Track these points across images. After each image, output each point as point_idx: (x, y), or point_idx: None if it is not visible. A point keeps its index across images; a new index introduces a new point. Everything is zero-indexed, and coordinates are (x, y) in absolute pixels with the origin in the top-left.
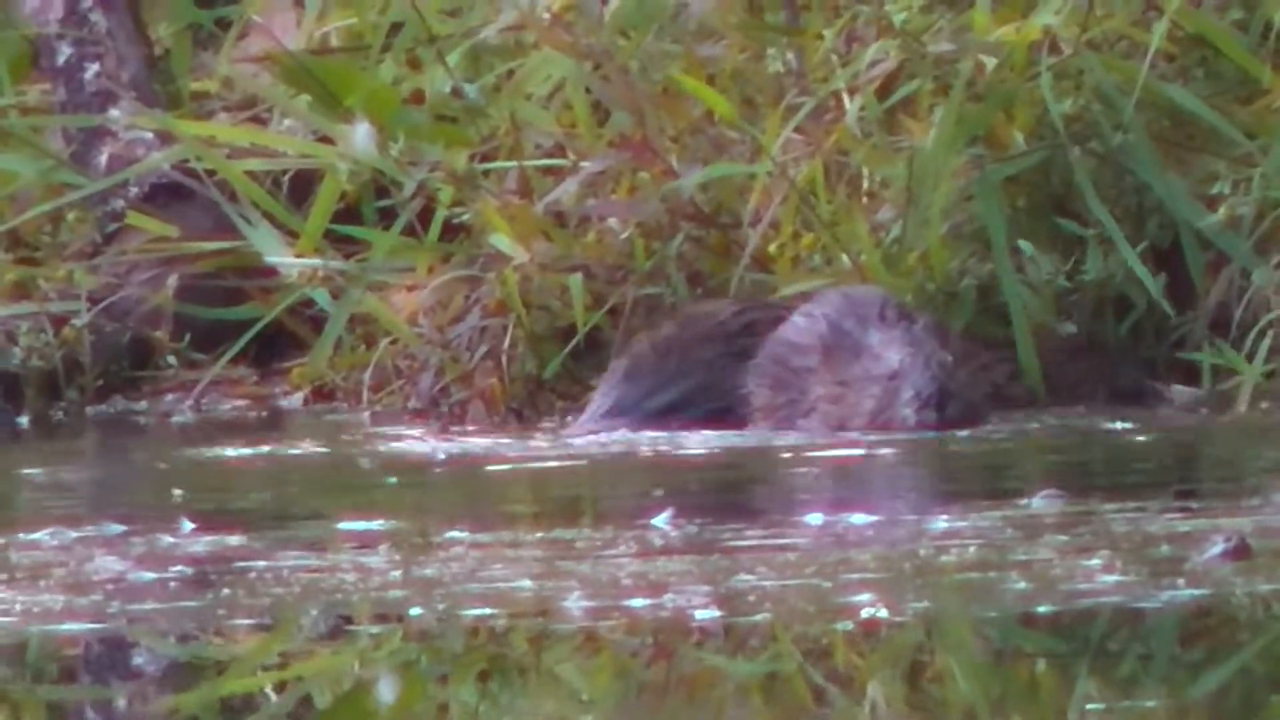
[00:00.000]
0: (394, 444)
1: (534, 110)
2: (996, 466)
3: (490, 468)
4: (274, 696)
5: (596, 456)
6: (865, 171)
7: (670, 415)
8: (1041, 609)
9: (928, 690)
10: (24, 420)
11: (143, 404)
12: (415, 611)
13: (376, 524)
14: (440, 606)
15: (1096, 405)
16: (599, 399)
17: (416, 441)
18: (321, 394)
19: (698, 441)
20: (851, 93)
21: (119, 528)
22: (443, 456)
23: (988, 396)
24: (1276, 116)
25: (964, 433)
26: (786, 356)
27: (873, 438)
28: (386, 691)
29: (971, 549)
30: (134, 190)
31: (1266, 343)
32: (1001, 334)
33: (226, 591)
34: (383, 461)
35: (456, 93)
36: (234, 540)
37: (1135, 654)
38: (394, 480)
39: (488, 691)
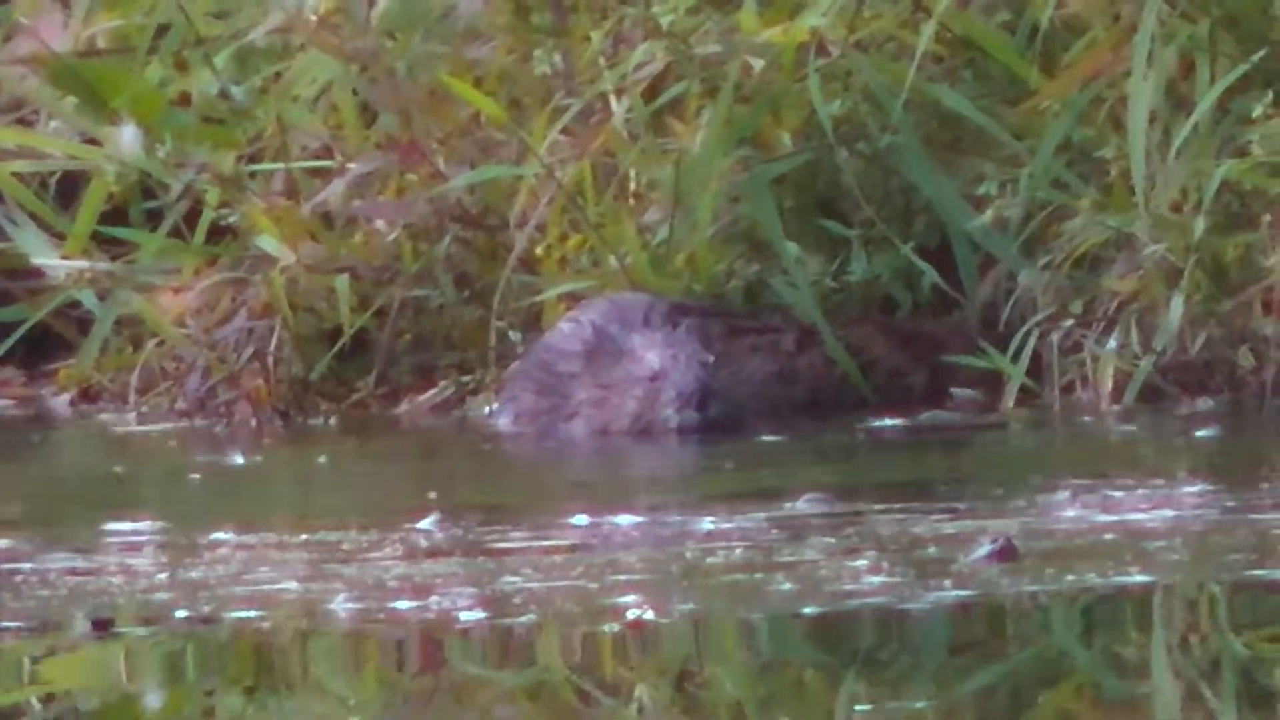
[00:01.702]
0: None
1: (301, 112)
2: (763, 467)
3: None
4: (37, 702)
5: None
6: (633, 173)
7: None
8: (808, 610)
9: (694, 692)
10: None
11: None
12: (181, 613)
13: (143, 525)
14: (206, 609)
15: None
16: None
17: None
18: (88, 395)
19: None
20: (619, 94)
21: None
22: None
23: (754, 396)
24: (1043, 118)
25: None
26: (551, 362)
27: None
28: (151, 695)
29: (738, 550)
30: None
31: (1032, 343)
32: None
33: None
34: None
35: (224, 94)
36: (0, 543)
37: (902, 655)
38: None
39: (253, 694)
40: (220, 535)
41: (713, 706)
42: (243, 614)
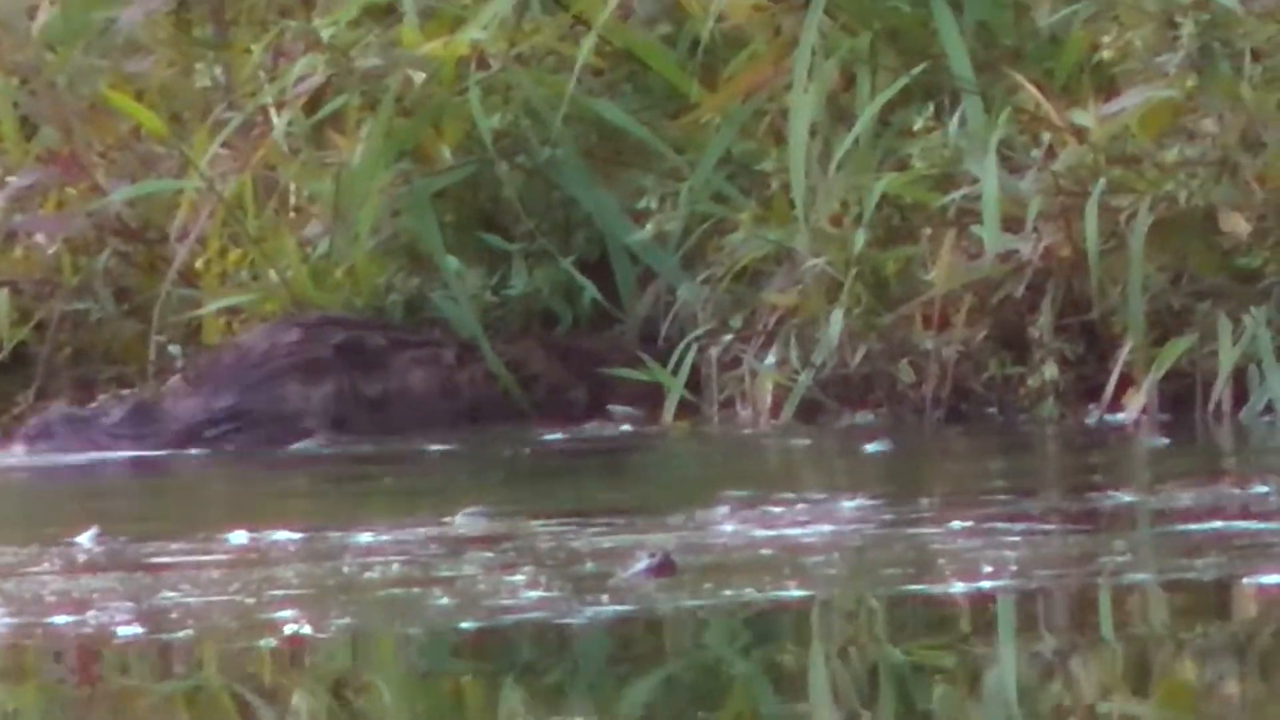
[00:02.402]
0: None
1: None
2: (422, 482)
3: None
4: None
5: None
6: (293, 187)
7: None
8: (465, 625)
9: (352, 708)
10: None
11: None
12: None
13: None
14: None
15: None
16: None
17: None
18: None
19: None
20: (279, 107)
21: None
22: None
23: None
24: (704, 131)
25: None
26: None
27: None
28: None
29: (395, 565)
30: None
31: (692, 358)
32: None
33: None
34: None
35: None
36: None
37: (560, 670)
38: None
39: None
40: None
41: None
42: None
